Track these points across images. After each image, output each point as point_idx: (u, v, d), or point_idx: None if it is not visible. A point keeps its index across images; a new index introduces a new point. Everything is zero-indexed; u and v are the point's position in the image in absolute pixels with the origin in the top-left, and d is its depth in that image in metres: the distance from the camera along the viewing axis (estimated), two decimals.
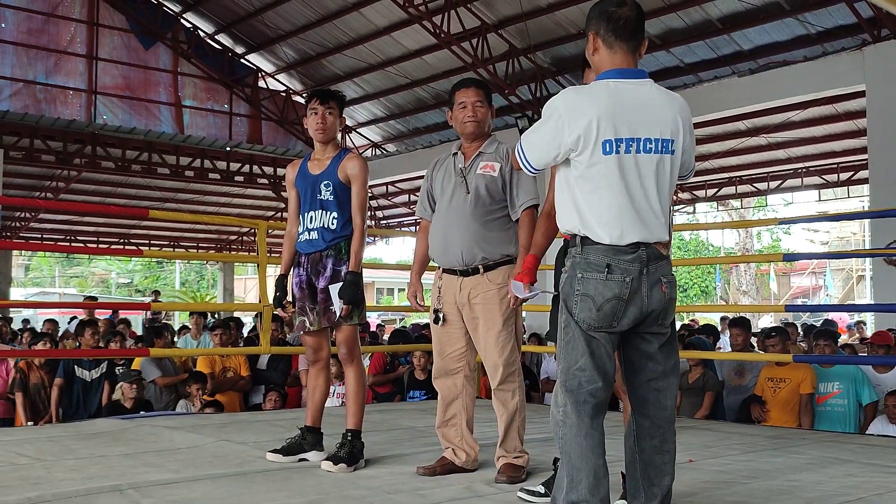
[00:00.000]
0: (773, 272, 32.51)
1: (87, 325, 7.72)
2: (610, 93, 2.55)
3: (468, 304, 3.68)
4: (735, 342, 7.05)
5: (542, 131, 2.60)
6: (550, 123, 2.57)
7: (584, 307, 2.51)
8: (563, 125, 2.53)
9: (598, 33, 2.63)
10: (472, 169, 3.74)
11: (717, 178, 19.00)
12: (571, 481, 2.45)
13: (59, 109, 16.60)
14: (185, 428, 4.88)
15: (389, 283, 43.77)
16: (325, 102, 3.98)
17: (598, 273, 2.50)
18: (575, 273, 2.54)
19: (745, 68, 12.47)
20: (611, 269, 2.49)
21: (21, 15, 16.39)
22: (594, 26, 2.64)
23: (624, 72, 2.60)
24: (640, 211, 2.54)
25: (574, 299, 2.53)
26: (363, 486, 3.43)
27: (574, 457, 2.46)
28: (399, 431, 5.07)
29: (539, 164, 2.65)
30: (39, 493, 3.16)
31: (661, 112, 2.60)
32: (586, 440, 2.47)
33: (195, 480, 3.47)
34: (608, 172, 2.52)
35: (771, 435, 5.04)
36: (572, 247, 2.58)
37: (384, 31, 15.30)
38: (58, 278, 44.63)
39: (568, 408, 2.50)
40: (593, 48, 2.65)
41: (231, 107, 18.73)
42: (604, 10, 2.63)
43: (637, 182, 2.54)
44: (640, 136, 2.54)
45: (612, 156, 2.52)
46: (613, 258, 2.50)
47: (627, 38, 2.61)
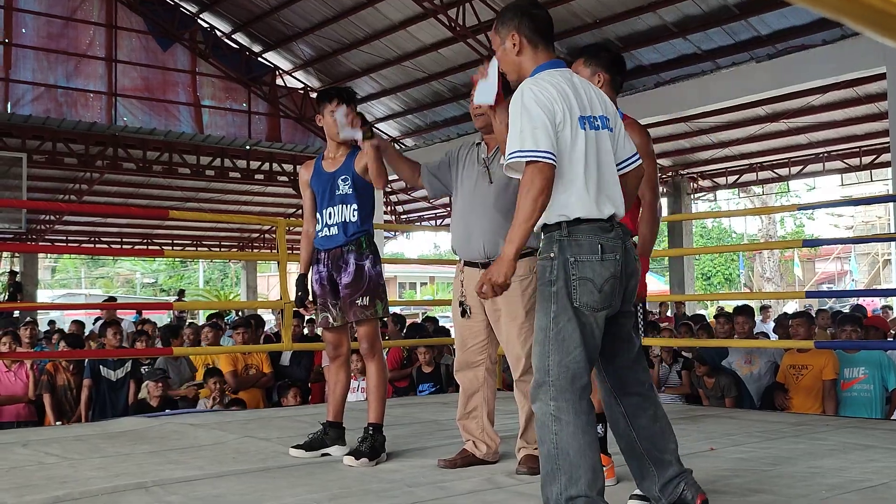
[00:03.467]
0: (798, 258, 32.24)
1: (109, 326, 7.81)
2: (561, 77, 2.63)
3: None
4: (742, 330, 7.04)
5: (533, 120, 2.52)
6: (543, 107, 2.53)
7: (584, 291, 2.49)
8: (547, 108, 2.52)
9: (521, 32, 2.71)
10: (494, 159, 3.74)
11: (738, 164, 18.87)
12: (570, 478, 2.43)
13: (80, 112, 16.75)
14: (208, 425, 4.94)
15: (412, 278, 43.88)
16: (350, 103, 4.00)
17: (593, 254, 2.50)
18: (566, 258, 2.52)
19: (763, 54, 12.36)
20: (603, 248, 2.51)
21: (41, 20, 16.55)
22: (514, 27, 2.71)
23: (556, 63, 2.71)
24: (610, 185, 2.61)
25: (573, 284, 2.50)
26: (385, 479, 3.45)
27: (573, 454, 2.44)
28: (420, 425, 5.10)
29: (552, 147, 2.51)
30: (67, 492, 3.22)
31: (596, 93, 2.72)
32: (584, 437, 2.46)
33: (219, 477, 3.51)
34: (586, 149, 2.57)
35: (793, 422, 5.02)
36: (555, 231, 2.56)
37: (399, 25, 15.30)
38: (83, 279, 45.10)
39: (561, 403, 2.47)
40: (519, 48, 2.72)
41: (249, 105, 18.82)
42: (525, 10, 2.73)
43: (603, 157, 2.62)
44: (595, 114, 2.63)
45: (587, 132, 2.57)
46: (602, 237, 2.52)
47: (549, 37, 2.74)
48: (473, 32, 13.96)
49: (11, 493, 3.21)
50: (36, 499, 3.13)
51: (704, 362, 6.78)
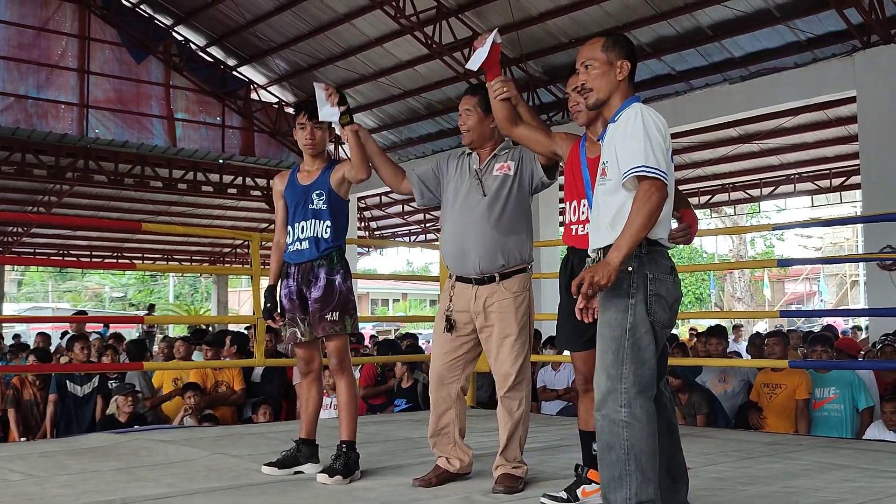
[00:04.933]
0: (767, 278, 32.57)
1: (76, 340, 7.66)
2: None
3: (483, 312, 3.64)
4: (715, 350, 7.08)
5: (659, 142, 2.67)
6: (660, 134, 2.70)
7: (659, 307, 2.63)
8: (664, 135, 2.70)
9: (631, 63, 2.84)
10: (487, 171, 3.71)
11: (709, 185, 19.05)
12: (642, 482, 2.51)
13: (51, 123, 16.55)
14: (179, 442, 4.85)
15: (384, 294, 43.75)
16: (314, 118, 3.96)
17: (667, 274, 2.68)
18: (646, 273, 2.63)
19: (736, 75, 12.51)
20: (673, 269, 2.71)
21: (12, 29, 16.36)
22: (626, 55, 2.85)
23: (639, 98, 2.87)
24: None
25: (650, 300, 2.62)
26: (360, 497, 3.40)
27: (645, 459, 2.52)
28: (394, 442, 5.04)
29: (668, 171, 2.67)
30: None
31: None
32: (654, 443, 2.55)
33: (190, 494, 3.44)
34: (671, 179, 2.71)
35: (767, 441, 5.03)
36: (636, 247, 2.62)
37: (376, 42, 15.32)
38: (51, 293, 44.47)
39: (635, 410, 2.54)
40: (624, 75, 2.84)
41: (223, 119, 18.71)
42: (634, 49, 2.90)
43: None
44: None
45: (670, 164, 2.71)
46: (670, 260, 2.71)
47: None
48: (450, 50, 14.00)
49: None
50: None
51: (677, 376, 6.80)
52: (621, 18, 12.69)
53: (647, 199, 2.58)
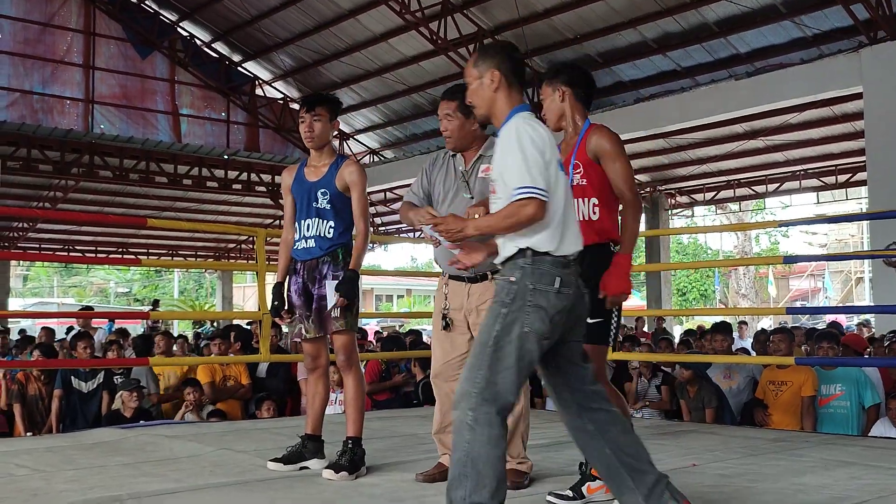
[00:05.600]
0: (772, 275, 32.50)
1: (79, 339, 7.65)
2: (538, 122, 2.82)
3: (476, 310, 3.65)
4: (721, 347, 7.06)
5: (536, 158, 2.69)
6: (537, 148, 2.70)
7: (536, 318, 2.62)
8: (541, 149, 2.70)
9: (501, 71, 2.83)
10: (473, 172, 3.71)
11: (714, 181, 19.01)
12: (476, 484, 2.53)
13: (57, 119, 16.58)
14: (185, 437, 4.86)
15: (389, 290, 43.76)
16: (312, 110, 3.94)
17: (551, 286, 2.65)
18: (527, 284, 2.65)
19: (742, 71, 12.48)
20: (562, 282, 2.67)
21: (17, 25, 16.38)
22: (496, 65, 2.84)
23: (528, 107, 2.87)
24: (574, 225, 2.80)
25: (527, 310, 2.62)
26: (365, 493, 3.41)
27: (481, 463, 2.54)
28: (399, 438, 5.05)
29: (548, 186, 2.69)
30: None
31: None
32: (495, 450, 2.55)
33: (196, 490, 3.44)
34: (564, 190, 2.77)
35: (773, 438, 5.02)
36: (520, 258, 2.69)
37: (381, 37, 15.31)
38: (56, 288, 44.56)
39: (479, 415, 2.56)
40: (496, 85, 2.83)
41: (228, 115, 18.71)
42: (506, 51, 2.90)
43: (569, 198, 2.83)
44: (558, 157, 2.82)
45: (559, 173, 2.77)
46: (562, 272, 2.68)
47: (522, 82, 2.90)
48: (454, 45, 13.99)
49: None
50: None
51: (688, 368, 6.80)
52: (626, 14, 12.67)
53: (516, 211, 2.64)
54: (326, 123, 3.97)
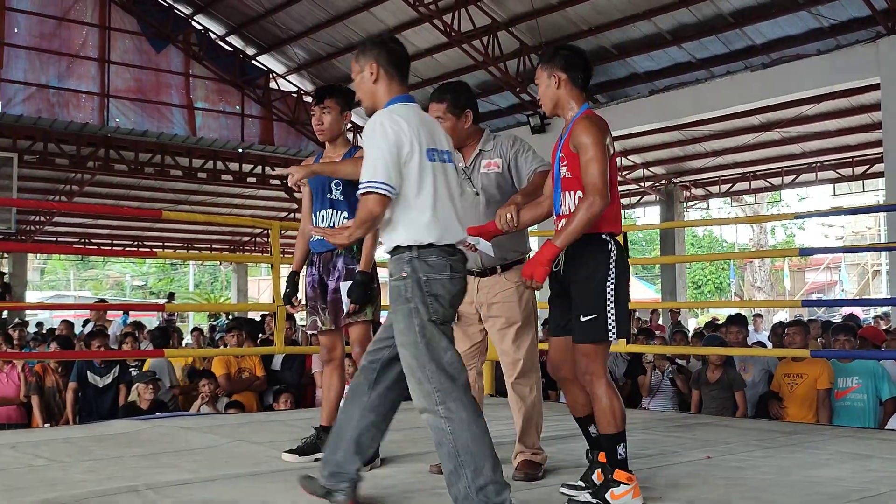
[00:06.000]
0: (788, 268, 32.31)
1: (93, 337, 7.68)
2: (412, 112, 2.89)
3: (486, 304, 3.66)
4: (736, 339, 7.03)
5: (384, 153, 2.76)
6: (387, 143, 2.77)
7: (436, 306, 2.76)
8: (395, 142, 2.77)
9: (379, 63, 2.95)
10: (475, 168, 3.71)
11: (730, 173, 18.91)
12: (475, 469, 2.62)
13: (72, 113, 16.66)
14: (200, 429, 4.89)
15: None
16: (321, 102, 3.95)
17: (442, 273, 2.77)
18: (419, 277, 2.76)
19: (757, 63, 12.40)
20: (452, 267, 2.80)
21: (33, 19, 16.46)
22: (373, 57, 2.95)
23: (408, 97, 2.96)
24: (455, 213, 2.90)
25: (428, 300, 2.74)
26: (380, 485, 3.41)
27: (471, 446, 2.64)
28: (414, 430, 5.04)
29: (391, 180, 2.76)
30: (57, 495, 3.17)
31: (440, 130, 3.03)
32: (476, 428, 2.67)
33: (211, 481, 3.46)
34: (434, 179, 2.83)
35: (788, 431, 5.00)
36: (406, 253, 2.79)
37: (394, 30, 15.27)
38: (73, 281, 44.82)
39: (449, 404, 2.68)
40: (376, 77, 2.95)
41: (243, 108, 18.76)
42: (384, 44, 3.02)
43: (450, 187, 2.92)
44: (441, 148, 2.92)
45: (434, 163, 2.84)
46: (449, 259, 2.80)
47: (404, 73, 3.01)
48: (468, 38, 13.95)
49: (2, 496, 3.16)
50: (26, 501, 3.08)
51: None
52: (641, 6, 12.60)
53: (366, 210, 2.75)
54: (337, 115, 3.97)
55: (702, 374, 6.82)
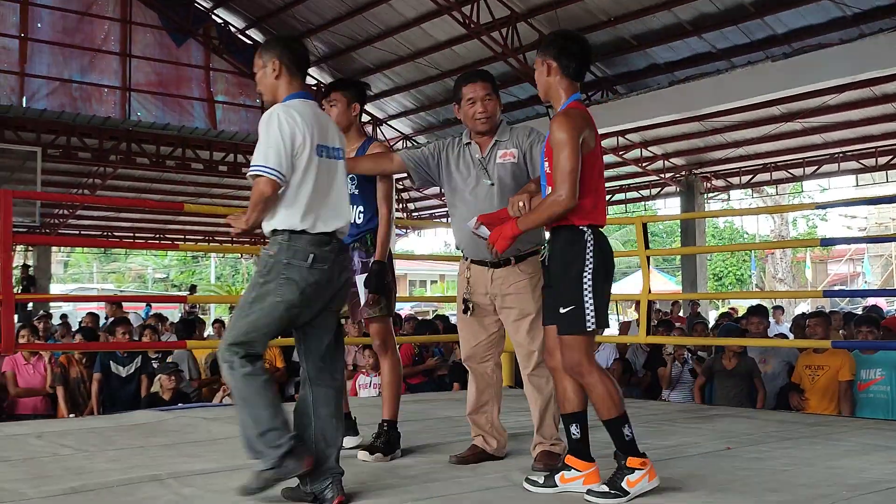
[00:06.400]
0: (810, 259, 32.05)
1: (118, 324, 7.78)
2: (308, 108, 3.08)
3: (500, 295, 3.67)
4: (757, 330, 7.00)
5: (272, 142, 2.94)
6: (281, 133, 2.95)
7: (288, 289, 2.92)
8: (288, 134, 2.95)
9: (281, 60, 3.12)
10: (491, 159, 3.71)
11: (751, 164, 18.76)
12: (256, 418, 2.89)
13: (95, 107, 16.81)
14: (222, 419, 4.93)
15: (422, 276, 43.87)
16: (327, 96, 4.00)
17: (304, 261, 2.94)
18: (282, 259, 2.94)
19: (779, 53, 12.28)
20: (315, 258, 2.96)
21: (56, 14, 16.61)
22: (276, 55, 3.13)
23: (306, 94, 3.15)
24: (336, 205, 3.08)
25: (280, 281, 2.93)
26: (400, 474, 3.44)
27: (251, 399, 2.89)
28: (433, 421, 5.09)
29: (281, 167, 2.93)
30: (82, 483, 3.22)
31: (333, 127, 3.22)
32: (254, 384, 2.90)
33: (234, 470, 3.49)
34: (318, 172, 3.02)
35: (810, 422, 4.98)
36: (279, 236, 2.98)
37: (413, 22, 15.28)
38: (96, 274, 45.25)
39: (236, 361, 2.91)
40: (278, 73, 3.13)
41: (262, 101, 18.80)
42: (287, 43, 3.20)
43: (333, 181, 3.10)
44: (332, 145, 3.12)
45: (322, 158, 3.04)
46: (317, 249, 2.96)
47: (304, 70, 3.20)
48: (487, 29, 13.92)
49: (28, 484, 3.21)
50: (53, 489, 3.13)
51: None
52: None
53: (253, 191, 2.93)
54: (344, 108, 3.98)
55: (717, 362, 6.81)
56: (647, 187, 20.71)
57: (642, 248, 6.39)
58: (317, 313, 3.04)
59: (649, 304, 6.53)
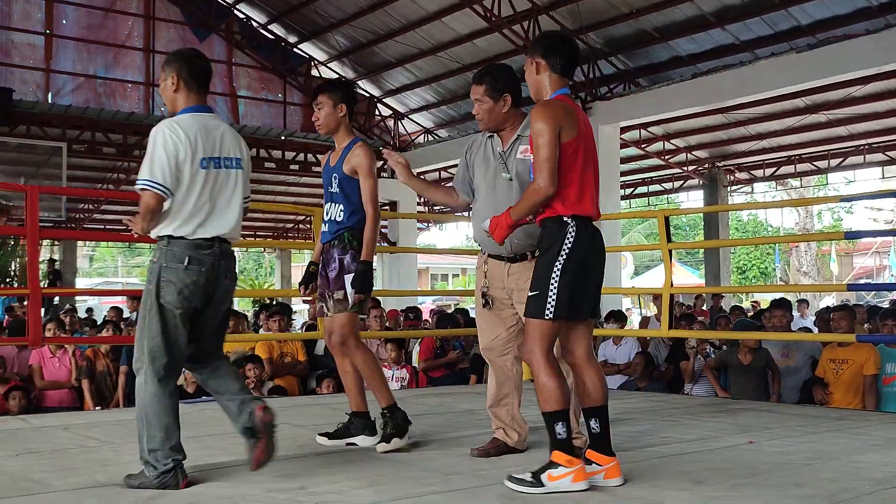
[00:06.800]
0: (835, 253, 31.75)
1: None
2: (198, 122, 3.24)
3: (517, 289, 3.67)
4: (779, 323, 6.96)
5: (161, 157, 3.12)
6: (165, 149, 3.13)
7: (168, 291, 3.13)
8: (171, 149, 3.13)
9: (180, 75, 3.28)
10: (511, 153, 3.71)
11: (775, 156, 18.62)
12: (149, 435, 3.09)
13: (119, 102, 16.95)
14: None
15: (444, 269, 43.89)
16: (314, 99, 4.10)
17: (180, 264, 3.14)
18: (161, 264, 3.16)
19: (803, 44, 12.17)
20: (191, 260, 3.15)
21: (81, 11, 16.75)
22: (176, 69, 3.29)
23: (200, 108, 3.30)
24: (220, 213, 3.25)
25: (161, 285, 3.14)
26: (422, 467, 3.46)
27: (151, 416, 3.10)
28: (454, 414, 5.10)
29: (166, 181, 3.12)
30: (109, 475, 3.27)
31: (231, 137, 3.35)
32: (161, 404, 3.12)
33: None
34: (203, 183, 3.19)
35: (834, 416, 4.95)
36: (161, 242, 3.19)
37: (434, 15, 15.27)
38: (120, 268, 45.67)
39: (147, 377, 3.15)
40: (176, 87, 3.28)
41: (285, 96, 18.90)
42: (187, 58, 3.35)
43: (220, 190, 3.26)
44: (224, 155, 3.28)
45: (208, 170, 3.20)
46: (195, 252, 3.16)
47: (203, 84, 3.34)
48: (509, 22, 13.88)
49: (56, 475, 3.27)
50: (80, 481, 3.18)
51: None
52: None
53: (145, 206, 3.10)
54: (330, 109, 4.05)
55: (731, 356, 6.78)
56: (670, 180, 20.60)
57: (664, 242, 6.37)
58: (201, 311, 3.25)
59: (671, 297, 6.50)
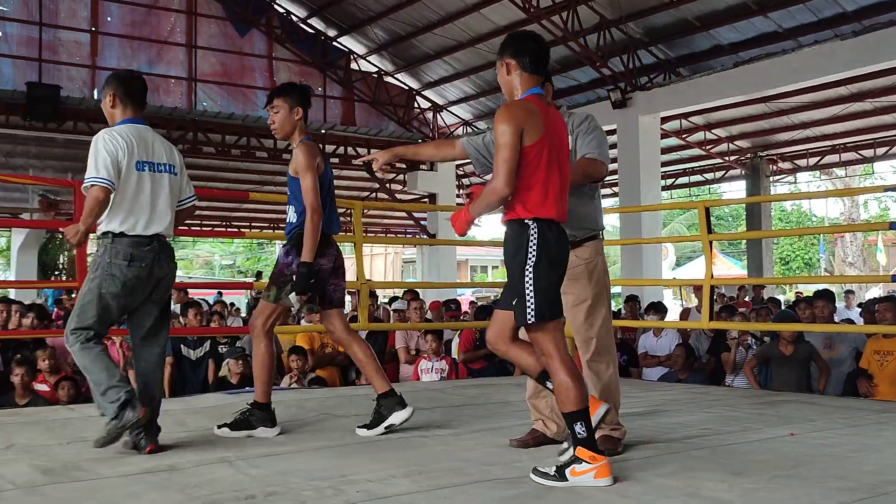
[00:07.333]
0: (881, 242, 31.17)
1: (190, 307, 7.99)
2: (132, 131, 3.70)
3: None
4: (822, 314, 6.87)
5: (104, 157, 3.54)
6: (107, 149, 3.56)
7: (111, 283, 3.56)
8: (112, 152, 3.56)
9: (115, 93, 3.75)
10: None
11: (819, 146, 18.33)
12: (96, 383, 3.49)
13: (162, 98, 17.19)
14: (287, 402, 5.05)
15: (483, 261, 43.89)
16: (269, 103, 4.18)
17: (123, 260, 3.57)
18: (106, 259, 3.56)
19: (848, 31, 11.96)
20: (133, 256, 3.58)
21: (125, 8, 17.01)
22: (113, 89, 3.76)
23: (135, 120, 3.76)
24: (157, 213, 3.70)
25: (105, 277, 3.55)
26: (460, 458, 3.49)
27: (94, 373, 3.49)
28: (494, 405, 5.13)
29: (110, 176, 3.52)
30: (155, 464, 3.35)
31: (164, 147, 3.85)
32: (96, 360, 3.52)
33: (298, 452, 3.60)
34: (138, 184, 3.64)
35: (877, 409, 4.89)
36: (106, 238, 3.59)
37: (473, 7, 15.25)
38: None
39: (77, 345, 3.53)
40: (112, 103, 3.76)
41: (325, 90, 19.01)
42: (122, 79, 3.83)
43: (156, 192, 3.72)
44: (158, 161, 3.76)
45: (144, 172, 3.66)
46: (136, 249, 3.59)
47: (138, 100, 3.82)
48: (547, 13, 13.81)
49: (105, 464, 3.35)
50: (128, 469, 3.26)
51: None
52: None
53: (93, 200, 3.49)
54: (286, 113, 4.15)
55: (773, 348, 6.72)
56: (712, 170, 20.38)
57: (704, 233, 6.33)
58: (142, 301, 3.68)
59: (712, 288, 6.46)
